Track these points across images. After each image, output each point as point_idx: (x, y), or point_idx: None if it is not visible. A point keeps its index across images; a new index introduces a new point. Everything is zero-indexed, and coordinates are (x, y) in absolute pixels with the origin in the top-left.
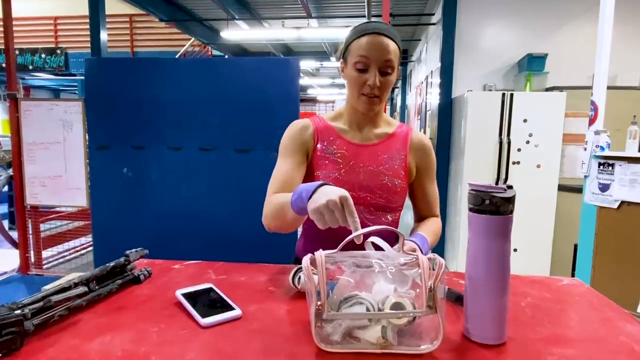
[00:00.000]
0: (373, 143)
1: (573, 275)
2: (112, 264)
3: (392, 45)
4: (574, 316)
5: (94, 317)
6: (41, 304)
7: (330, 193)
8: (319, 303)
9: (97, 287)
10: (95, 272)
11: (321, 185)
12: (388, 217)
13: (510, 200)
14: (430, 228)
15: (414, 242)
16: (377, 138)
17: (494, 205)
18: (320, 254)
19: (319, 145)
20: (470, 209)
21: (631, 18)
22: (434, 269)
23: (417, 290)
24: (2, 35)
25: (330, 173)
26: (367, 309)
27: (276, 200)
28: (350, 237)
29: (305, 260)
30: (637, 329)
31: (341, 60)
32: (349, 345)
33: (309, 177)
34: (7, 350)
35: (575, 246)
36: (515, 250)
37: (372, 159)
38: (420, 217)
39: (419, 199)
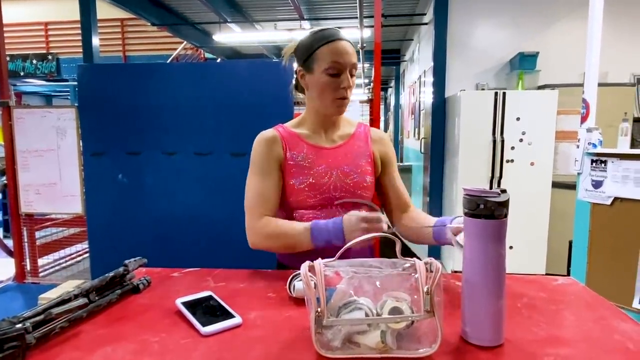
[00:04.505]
0: (338, 144)
1: (569, 272)
2: (111, 274)
3: (353, 49)
4: (569, 316)
5: (95, 329)
6: (42, 316)
7: (353, 228)
8: (318, 309)
9: (97, 298)
10: (95, 283)
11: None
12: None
13: (504, 205)
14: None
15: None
16: (341, 139)
17: (488, 210)
18: (319, 261)
19: (288, 154)
20: (466, 214)
21: (622, 14)
22: (431, 271)
23: (415, 296)
24: None
25: (303, 179)
26: (366, 314)
27: (279, 233)
28: (350, 244)
29: (304, 267)
30: (631, 327)
31: (299, 68)
32: (349, 350)
33: (283, 185)
34: None
35: (570, 242)
36: (511, 247)
37: (340, 159)
38: (397, 208)
39: (392, 191)
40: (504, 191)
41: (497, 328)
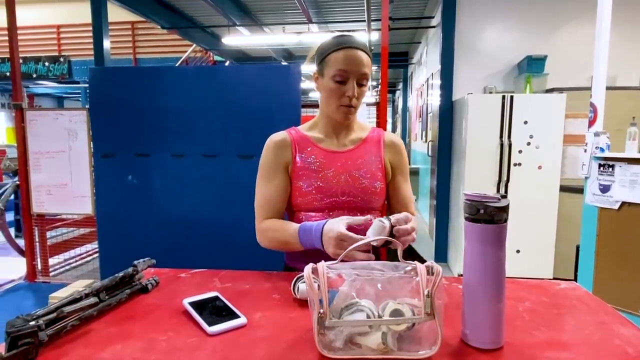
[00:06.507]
0: (349, 149)
1: (576, 276)
2: (121, 274)
3: (367, 59)
4: (570, 320)
5: (105, 327)
6: (54, 314)
7: (329, 239)
8: (321, 311)
9: (107, 297)
10: (105, 283)
11: (322, 231)
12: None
13: (504, 210)
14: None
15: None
16: (352, 144)
17: (488, 215)
18: (323, 264)
19: (297, 157)
20: (466, 218)
21: (630, 18)
22: (432, 274)
23: (416, 298)
24: (7, 45)
25: (311, 182)
26: (368, 316)
27: (277, 234)
28: (353, 245)
29: (307, 269)
30: (631, 332)
31: (315, 70)
32: (350, 351)
33: (291, 187)
34: None
35: (578, 247)
36: (518, 251)
37: (350, 164)
38: None
39: (394, 200)
40: (504, 196)
41: (497, 331)
